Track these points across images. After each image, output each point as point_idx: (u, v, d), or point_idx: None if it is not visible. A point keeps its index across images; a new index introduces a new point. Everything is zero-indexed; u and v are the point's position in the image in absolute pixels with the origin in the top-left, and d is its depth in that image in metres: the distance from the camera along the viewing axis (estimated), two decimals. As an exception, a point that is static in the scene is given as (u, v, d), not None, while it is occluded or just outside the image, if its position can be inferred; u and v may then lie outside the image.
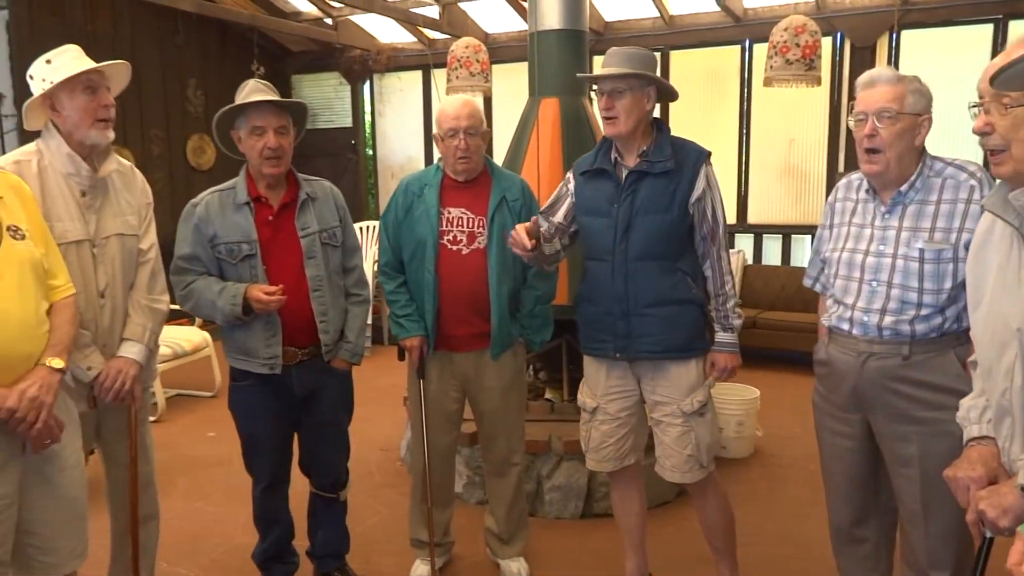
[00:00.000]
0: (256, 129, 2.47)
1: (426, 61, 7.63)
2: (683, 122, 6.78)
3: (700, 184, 2.39)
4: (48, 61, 2.17)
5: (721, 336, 2.47)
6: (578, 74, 3.38)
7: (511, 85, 6.80)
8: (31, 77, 2.19)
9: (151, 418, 2.60)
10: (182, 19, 6.85)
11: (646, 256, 2.39)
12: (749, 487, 3.86)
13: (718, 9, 6.34)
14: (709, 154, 2.44)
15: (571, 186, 2.58)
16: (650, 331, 2.41)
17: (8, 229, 1.80)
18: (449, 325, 2.73)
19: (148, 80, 6.71)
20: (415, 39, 7.68)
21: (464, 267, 2.70)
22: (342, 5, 6.83)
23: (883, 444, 2.08)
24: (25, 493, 1.85)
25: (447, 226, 2.71)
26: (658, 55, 6.65)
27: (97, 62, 2.23)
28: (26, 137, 2.98)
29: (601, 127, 2.49)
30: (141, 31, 6.71)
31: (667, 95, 2.53)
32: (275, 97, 2.51)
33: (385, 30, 7.71)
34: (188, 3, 6.27)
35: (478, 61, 5.93)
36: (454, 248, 2.71)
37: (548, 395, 3.95)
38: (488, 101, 7.21)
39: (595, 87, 2.50)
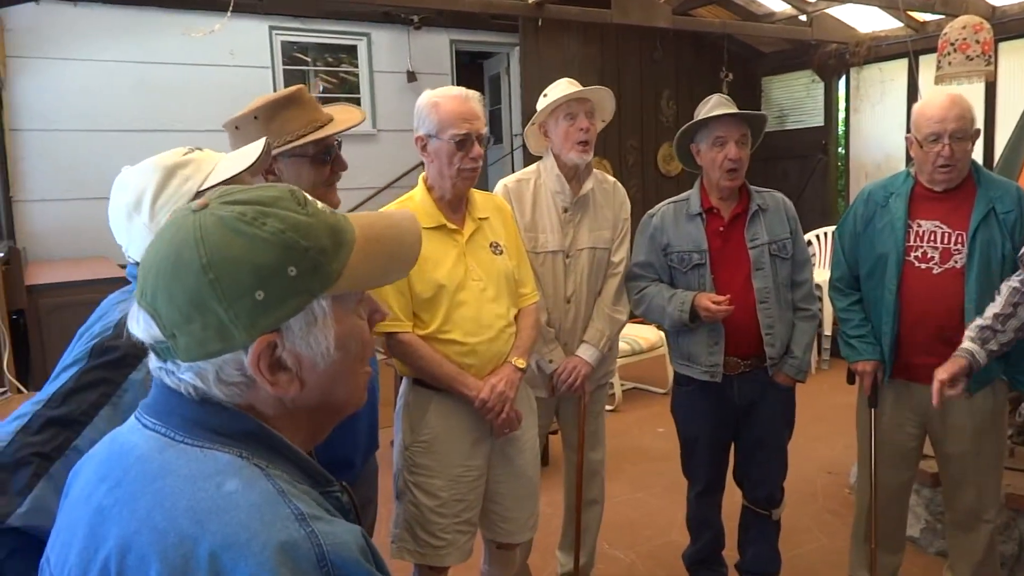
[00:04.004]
0: (718, 139, 2.51)
1: (910, 48, 6.84)
2: None
3: None
4: (544, 95, 2.55)
5: None
6: None
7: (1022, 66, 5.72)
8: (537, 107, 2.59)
9: (608, 407, 2.86)
10: (660, 36, 7.28)
11: None
12: None
13: None
14: None
15: None
16: None
17: (491, 245, 2.17)
18: (909, 352, 2.45)
19: (628, 95, 7.30)
20: (901, 24, 6.94)
21: (934, 288, 2.39)
22: None
23: None
24: (492, 469, 2.22)
25: (916, 241, 2.43)
26: None
27: (586, 83, 2.54)
28: (528, 155, 3.58)
29: None
30: (624, 52, 7.33)
31: None
32: (738, 110, 2.54)
33: (866, 19, 7.13)
34: (664, 20, 6.64)
35: (977, 42, 5.07)
36: (923, 266, 2.41)
37: (1043, 443, 3.26)
38: (991, 87, 6.17)
39: None
